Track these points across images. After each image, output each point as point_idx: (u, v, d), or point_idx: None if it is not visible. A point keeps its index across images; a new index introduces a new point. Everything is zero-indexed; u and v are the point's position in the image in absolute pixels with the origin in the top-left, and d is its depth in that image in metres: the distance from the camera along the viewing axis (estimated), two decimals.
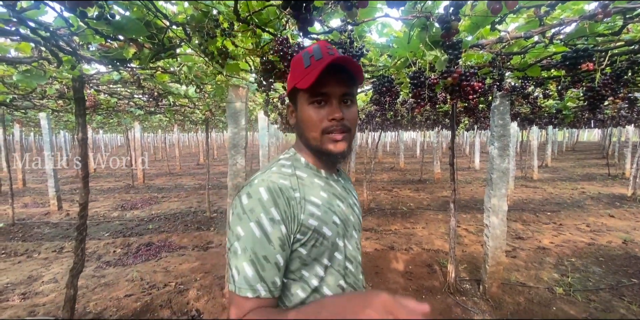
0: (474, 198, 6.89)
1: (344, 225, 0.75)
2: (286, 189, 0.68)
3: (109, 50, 1.10)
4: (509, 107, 2.53)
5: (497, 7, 0.56)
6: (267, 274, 0.63)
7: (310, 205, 0.70)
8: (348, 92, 0.72)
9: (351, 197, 0.83)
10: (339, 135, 0.71)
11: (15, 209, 5.57)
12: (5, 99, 2.51)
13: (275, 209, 0.65)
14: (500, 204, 2.71)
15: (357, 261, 0.79)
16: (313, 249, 0.69)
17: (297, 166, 0.76)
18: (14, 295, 2.94)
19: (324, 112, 0.71)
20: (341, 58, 0.66)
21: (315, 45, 0.73)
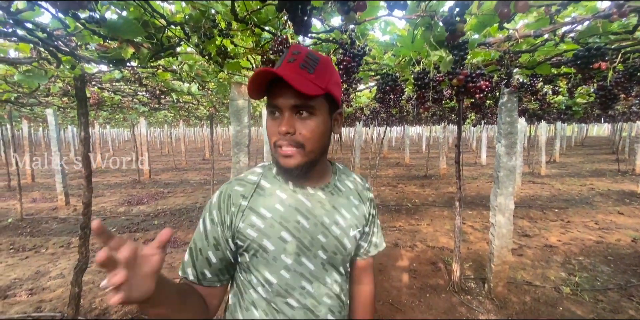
0: (480, 194, 6.83)
1: (299, 243, 0.71)
2: (235, 195, 0.73)
3: (107, 50, 1.08)
4: (516, 104, 2.47)
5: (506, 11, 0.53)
6: (198, 264, 0.72)
7: (254, 216, 0.71)
8: (301, 104, 0.65)
9: (333, 214, 0.75)
10: (287, 150, 0.67)
11: (24, 204, 5.65)
12: (10, 97, 2.53)
13: (217, 212, 0.72)
14: (506, 203, 2.67)
15: (324, 283, 0.74)
16: (254, 257, 0.72)
17: (266, 175, 0.78)
18: (21, 290, 2.99)
19: (276, 125, 0.68)
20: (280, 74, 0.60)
21: (288, 48, 0.71)
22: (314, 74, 0.65)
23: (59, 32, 1.04)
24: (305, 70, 0.64)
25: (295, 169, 0.68)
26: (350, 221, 0.78)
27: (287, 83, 0.61)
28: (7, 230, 4.68)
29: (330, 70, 0.69)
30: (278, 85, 0.64)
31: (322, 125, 0.69)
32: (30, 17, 0.93)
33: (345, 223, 0.76)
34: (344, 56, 0.93)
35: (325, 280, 0.74)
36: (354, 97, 3.24)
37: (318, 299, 0.73)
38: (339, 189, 0.80)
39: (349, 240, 0.77)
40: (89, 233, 1.79)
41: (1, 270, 3.44)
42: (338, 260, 0.76)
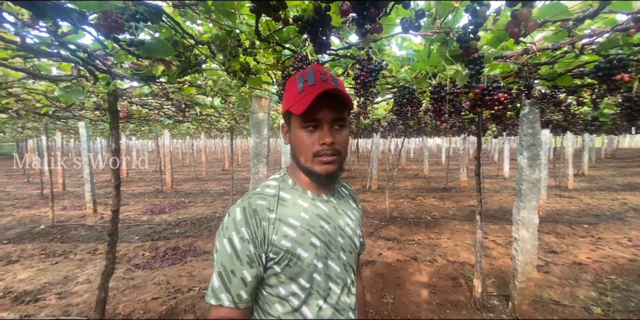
0: (503, 208, 6.60)
1: (326, 247, 0.76)
2: (261, 209, 0.73)
3: (140, 68, 1.17)
4: (539, 115, 2.42)
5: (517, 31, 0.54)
6: (233, 287, 0.69)
7: (285, 227, 0.73)
8: (339, 117, 0.74)
9: (344, 217, 0.83)
10: (329, 158, 0.74)
11: (55, 211, 5.93)
12: (48, 111, 2.73)
13: (246, 229, 0.71)
14: (530, 217, 2.58)
15: (345, 283, 0.79)
16: (287, 268, 0.72)
17: (283, 187, 0.80)
18: (51, 294, 3.12)
19: (316, 137, 0.74)
20: (333, 89, 0.69)
21: (310, 69, 0.75)
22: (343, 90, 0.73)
23: (98, 52, 1.13)
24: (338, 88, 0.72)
25: (334, 173, 0.76)
26: (355, 222, 0.87)
27: (330, 99, 0.71)
28: (39, 237, 4.92)
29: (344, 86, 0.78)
30: (321, 101, 0.70)
31: (348, 135, 0.79)
32: (73, 39, 1.02)
33: (353, 224, 0.85)
34: (361, 71, 0.96)
35: (347, 280, 0.80)
36: (371, 109, 3.27)
37: (342, 299, 0.78)
38: (341, 195, 0.89)
39: (357, 239, 0.86)
40: (116, 240, 1.87)
41: (33, 274, 3.61)
42: (353, 260, 0.83)
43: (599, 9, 0.80)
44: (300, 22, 0.68)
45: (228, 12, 0.80)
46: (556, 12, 0.83)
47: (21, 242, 4.65)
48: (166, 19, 0.88)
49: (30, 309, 2.85)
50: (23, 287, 3.27)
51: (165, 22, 0.90)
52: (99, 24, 0.68)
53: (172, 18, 0.88)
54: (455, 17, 0.81)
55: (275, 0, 0.61)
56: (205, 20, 0.94)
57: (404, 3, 0.50)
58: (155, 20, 0.77)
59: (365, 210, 6.52)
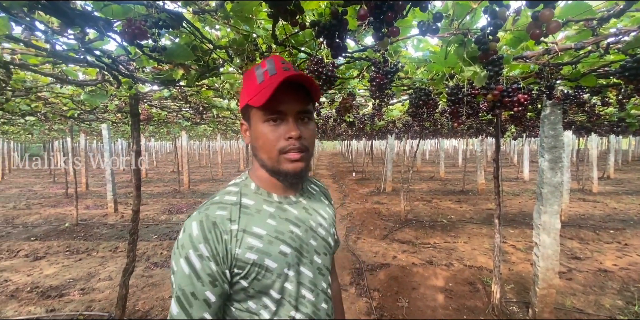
0: (523, 212, 6.41)
1: (298, 252, 0.70)
2: (221, 221, 0.65)
3: (160, 72, 1.21)
4: (561, 116, 2.34)
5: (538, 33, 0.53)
6: (195, 311, 0.62)
7: (249, 237, 0.66)
8: (305, 110, 0.68)
9: (316, 217, 0.77)
10: (297, 155, 0.67)
11: (79, 210, 6.15)
12: (74, 114, 2.86)
13: (205, 245, 0.63)
14: (552, 221, 2.49)
15: (320, 288, 0.73)
16: (255, 281, 0.66)
17: (245, 193, 0.72)
18: (74, 290, 3.24)
19: (280, 131, 0.67)
20: (296, 75, 0.63)
21: (269, 59, 0.70)
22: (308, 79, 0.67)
23: (121, 57, 1.18)
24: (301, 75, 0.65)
25: (302, 171, 0.69)
26: (328, 220, 0.80)
27: (294, 89, 0.65)
28: (64, 234, 5.12)
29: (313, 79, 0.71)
30: (284, 91, 0.64)
31: (315, 129, 0.72)
32: (99, 45, 1.07)
33: (325, 223, 0.79)
34: (377, 74, 0.96)
35: (322, 285, 0.74)
36: (386, 111, 3.24)
37: (317, 306, 0.72)
38: (311, 193, 0.83)
39: (332, 238, 0.80)
40: (137, 238, 1.93)
41: (58, 270, 3.76)
42: (328, 262, 0.77)
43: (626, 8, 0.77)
44: (318, 26, 0.69)
45: (246, 17, 0.82)
46: (579, 12, 0.81)
47: (47, 239, 4.85)
48: (186, 24, 0.91)
49: (56, 304, 2.97)
50: (49, 283, 3.41)
51: (185, 27, 0.93)
52: (123, 31, 0.70)
53: (191, 24, 0.91)
54: (473, 18, 0.79)
55: (293, 6, 0.62)
56: (224, 26, 0.96)
57: (422, 6, 0.50)
58: (176, 26, 0.79)
59: (379, 212, 6.46)
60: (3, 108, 2.10)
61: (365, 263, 3.88)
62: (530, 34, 0.55)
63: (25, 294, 3.18)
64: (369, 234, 5.10)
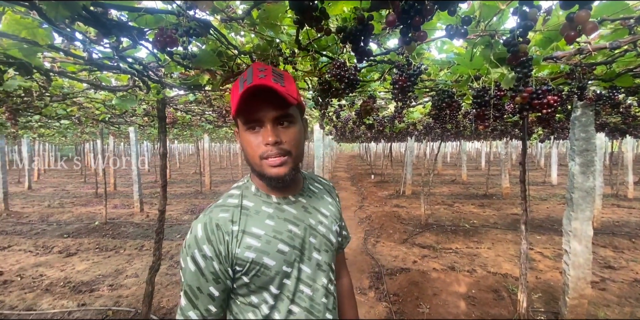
0: (551, 217, 6.14)
1: (297, 251, 0.74)
2: (224, 223, 0.70)
3: (187, 77, 1.25)
4: (593, 117, 2.24)
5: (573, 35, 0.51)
6: (200, 303, 0.69)
7: (248, 238, 0.70)
8: (282, 115, 0.70)
9: (316, 215, 0.80)
10: (276, 160, 0.69)
11: (107, 209, 6.43)
12: (105, 117, 3.00)
13: (208, 246, 0.68)
14: (583, 228, 2.38)
15: (319, 284, 0.76)
16: (255, 277, 0.70)
17: (246, 195, 0.77)
18: (103, 286, 3.38)
19: (259, 138, 0.70)
20: (258, 84, 0.64)
21: (249, 68, 0.72)
22: (285, 86, 0.69)
23: (151, 64, 1.24)
24: (278, 84, 0.67)
25: (286, 175, 0.71)
26: (330, 217, 0.83)
27: (266, 97, 0.66)
28: (94, 232, 5.37)
29: (293, 82, 0.74)
30: (256, 100, 0.66)
31: (300, 132, 0.74)
32: (131, 53, 1.13)
33: (327, 220, 0.82)
34: (400, 76, 0.96)
35: (322, 280, 0.77)
36: (406, 113, 3.21)
37: (315, 300, 0.75)
38: (312, 191, 0.86)
39: (333, 235, 0.82)
40: (163, 237, 1.99)
41: (89, 266, 3.94)
42: (329, 258, 0.80)
43: None
44: (344, 32, 0.69)
45: (272, 24, 0.84)
46: (615, 10, 0.77)
47: (79, 237, 5.10)
48: (213, 31, 0.94)
49: (86, 299, 3.11)
50: (80, 278, 3.58)
51: (212, 34, 0.96)
52: (155, 39, 0.74)
53: (218, 30, 0.94)
54: (501, 19, 0.77)
55: (319, 12, 0.63)
56: (248, 32, 0.99)
57: (450, 9, 0.50)
58: (204, 33, 0.82)
59: (399, 215, 6.37)
60: (41, 112, 2.25)
61: (384, 267, 3.83)
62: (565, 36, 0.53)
63: (59, 288, 3.35)
64: (388, 238, 5.03)
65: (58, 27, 0.73)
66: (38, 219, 6.36)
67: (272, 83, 0.66)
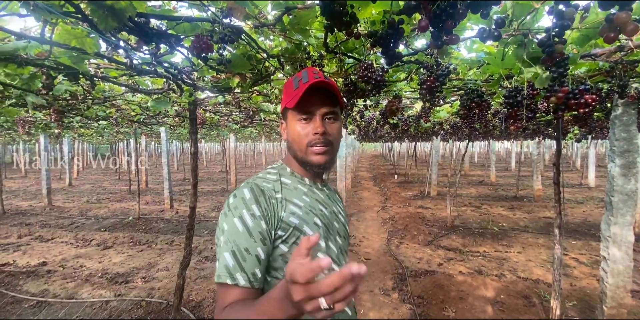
0: (587, 222, 5.80)
1: (326, 228, 0.80)
2: (268, 190, 0.76)
3: (218, 80, 1.31)
4: (635, 116, 2.10)
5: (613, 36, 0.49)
6: (248, 265, 0.67)
7: (291, 205, 0.77)
8: (330, 111, 0.80)
9: (335, 205, 0.90)
10: (321, 149, 0.78)
11: (140, 205, 6.76)
12: (139, 118, 3.17)
13: (257, 206, 0.72)
14: (623, 234, 2.24)
15: (342, 264, 0.83)
16: (294, 246, 0.73)
17: (283, 174, 0.85)
18: (137, 277, 3.57)
19: (309, 128, 0.79)
20: (322, 81, 0.74)
21: (305, 70, 0.81)
22: (333, 87, 0.79)
23: (185, 68, 1.30)
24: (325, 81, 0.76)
25: (326, 163, 0.80)
26: (343, 212, 0.93)
27: (321, 94, 0.77)
28: (128, 227, 5.66)
29: (337, 87, 0.83)
30: (313, 95, 0.75)
31: (341, 129, 0.85)
32: (167, 58, 1.19)
33: (343, 213, 0.92)
34: (428, 77, 0.95)
35: (343, 262, 0.84)
36: (433, 112, 3.14)
37: None
38: (329, 188, 0.95)
39: (347, 227, 0.91)
40: (193, 233, 2.08)
41: (124, 259, 4.17)
42: (346, 244, 0.88)
43: None
44: (374, 37, 0.71)
45: (302, 29, 0.86)
46: None
47: (114, 231, 5.40)
48: (244, 36, 0.98)
49: (122, 289, 3.30)
50: (116, 270, 3.79)
51: (243, 39, 1.00)
52: (192, 46, 0.78)
53: (249, 35, 0.97)
54: (535, 18, 0.75)
55: (349, 17, 0.65)
56: (277, 36, 1.02)
57: (483, 13, 0.49)
58: (236, 39, 0.86)
59: (423, 217, 6.25)
60: (84, 114, 2.41)
61: (408, 269, 3.78)
62: (604, 38, 0.51)
63: (97, 278, 3.57)
64: (412, 239, 4.96)
65: (105, 36, 0.79)
66: (78, 214, 6.79)
67: (327, 82, 0.76)
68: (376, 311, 2.87)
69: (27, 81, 1.16)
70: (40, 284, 3.44)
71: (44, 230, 5.50)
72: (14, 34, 0.85)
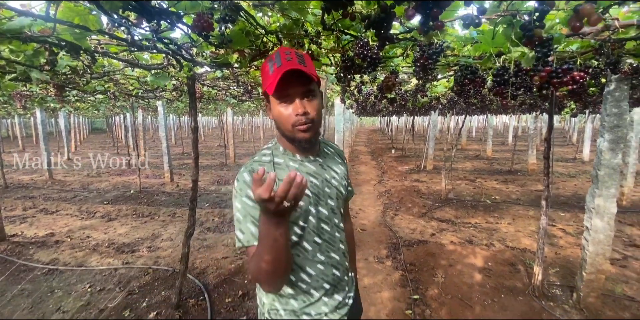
0: (578, 195, 6.00)
1: (316, 196, 0.93)
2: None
3: (217, 56, 1.32)
4: (627, 92, 2.13)
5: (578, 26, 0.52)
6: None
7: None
8: (307, 90, 0.86)
9: (330, 172, 1.01)
10: (304, 126, 0.87)
11: (141, 179, 6.86)
12: (137, 92, 3.16)
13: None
14: (606, 205, 2.36)
15: (333, 222, 0.98)
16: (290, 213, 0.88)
17: (276, 154, 0.96)
18: (143, 247, 3.75)
19: (290, 110, 0.86)
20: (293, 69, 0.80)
21: (276, 52, 0.87)
22: (307, 66, 0.84)
23: (185, 44, 1.31)
24: (302, 65, 0.83)
25: (312, 138, 0.89)
26: (340, 174, 1.04)
27: (295, 76, 0.82)
28: (130, 200, 5.81)
29: (311, 61, 0.91)
30: (288, 78, 0.81)
31: (320, 104, 0.92)
32: (167, 34, 1.20)
33: (338, 176, 1.03)
34: (421, 55, 0.98)
35: (335, 220, 0.99)
36: (430, 87, 3.15)
37: (332, 234, 0.98)
38: (327, 153, 1.06)
39: (343, 187, 1.04)
40: (196, 205, 2.18)
41: (129, 230, 4.34)
42: (339, 204, 1.02)
43: None
44: (368, 20, 0.73)
45: (300, 8, 0.88)
46: None
47: (117, 204, 5.55)
48: (242, 13, 0.99)
49: (129, 258, 3.48)
50: (122, 240, 3.97)
51: (242, 15, 1.01)
52: (194, 24, 0.81)
53: (247, 12, 0.99)
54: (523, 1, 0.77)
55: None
56: (275, 13, 1.03)
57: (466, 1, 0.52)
58: (235, 16, 0.88)
59: (419, 190, 6.43)
60: (82, 89, 2.42)
61: (402, 239, 3.98)
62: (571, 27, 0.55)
63: (104, 248, 3.75)
64: (407, 212, 5.14)
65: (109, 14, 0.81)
66: (79, 187, 6.91)
67: (298, 65, 0.81)
68: (370, 277, 3.08)
69: (30, 57, 1.18)
70: (50, 253, 3.61)
71: (48, 203, 5.64)
72: (19, 12, 0.86)
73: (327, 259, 0.96)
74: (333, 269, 0.97)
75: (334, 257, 0.98)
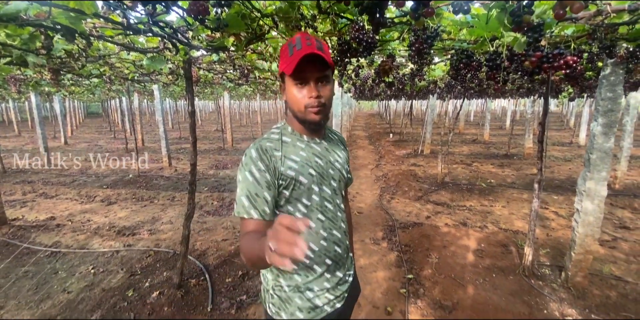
0: (572, 178, 6.09)
1: (320, 176, 0.98)
2: (270, 149, 0.93)
3: (213, 40, 1.32)
4: (622, 77, 2.14)
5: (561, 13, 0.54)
6: (258, 204, 0.89)
7: (289, 161, 0.94)
8: (322, 76, 0.90)
9: (334, 155, 1.06)
10: (316, 109, 0.91)
11: (138, 163, 6.88)
12: (133, 76, 3.13)
13: (262, 162, 0.90)
14: (597, 188, 2.42)
15: (335, 202, 1.04)
16: (293, 191, 0.94)
17: (284, 133, 1.00)
18: (143, 230, 3.82)
19: (305, 92, 0.91)
20: (313, 53, 0.83)
21: (297, 36, 0.91)
22: (324, 53, 0.87)
23: (181, 28, 1.30)
24: (320, 51, 0.86)
25: (321, 120, 0.94)
26: (342, 159, 1.10)
27: (313, 60, 0.85)
28: (129, 184, 5.85)
29: (328, 49, 0.94)
30: (306, 61, 0.84)
31: (332, 89, 0.96)
32: (162, 18, 1.19)
33: (341, 160, 1.08)
34: (416, 40, 0.99)
35: (336, 201, 1.04)
36: (427, 70, 3.13)
37: (335, 213, 1.03)
38: (331, 139, 1.11)
39: (345, 171, 1.10)
40: (195, 188, 2.22)
41: (129, 214, 4.41)
42: (341, 186, 1.08)
43: None
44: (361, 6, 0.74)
45: None
46: None
47: (116, 188, 5.59)
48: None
49: (130, 240, 3.56)
50: (122, 223, 4.04)
51: None
52: (189, 8, 0.81)
53: None
54: None
55: None
56: None
57: None
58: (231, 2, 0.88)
59: (415, 174, 6.50)
60: (79, 73, 2.40)
61: (398, 221, 4.07)
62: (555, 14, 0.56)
63: (105, 231, 3.82)
64: (403, 195, 5.23)
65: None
66: (78, 172, 6.93)
67: (317, 51, 0.85)
68: (366, 258, 3.18)
69: (26, 41, 1.18)
70: (51, 236, 3.68)
71: (47, 187, 5.67)
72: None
73: (330, 235, 1.01)
74: (335, 246, 1.02)
75: (335, 235, 1.03)
